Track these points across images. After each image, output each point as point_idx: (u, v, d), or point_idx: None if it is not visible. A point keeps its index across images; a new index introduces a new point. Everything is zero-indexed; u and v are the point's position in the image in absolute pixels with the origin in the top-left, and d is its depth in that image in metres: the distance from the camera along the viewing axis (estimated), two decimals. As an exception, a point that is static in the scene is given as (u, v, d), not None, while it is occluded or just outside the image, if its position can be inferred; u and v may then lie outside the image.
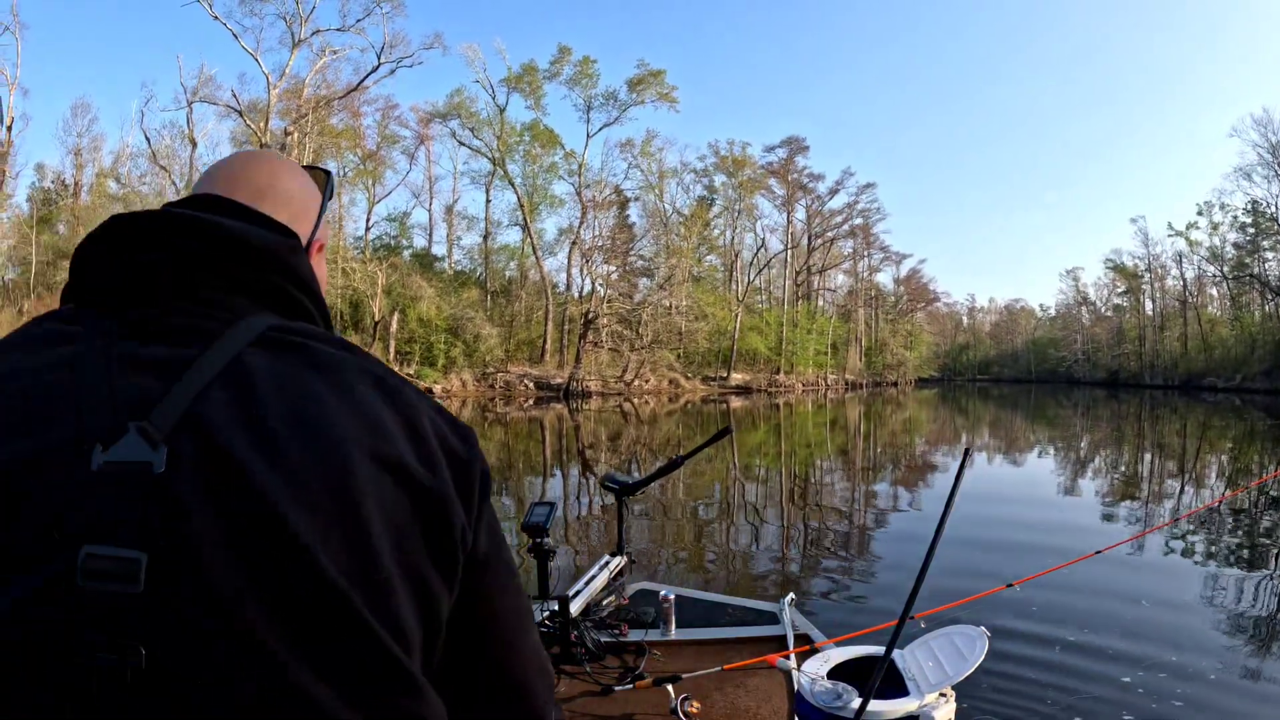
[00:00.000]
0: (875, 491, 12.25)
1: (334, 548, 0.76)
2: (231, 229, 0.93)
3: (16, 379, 0.81)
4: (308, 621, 0.75)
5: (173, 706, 0.70)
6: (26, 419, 0.77)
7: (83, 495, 0.72)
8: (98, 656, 0.68)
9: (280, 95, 53.16)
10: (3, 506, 0.72)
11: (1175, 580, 6.89)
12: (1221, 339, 79.96)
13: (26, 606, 0.69)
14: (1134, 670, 4.64)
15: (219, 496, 0.75)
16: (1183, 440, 23.70)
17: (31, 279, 46.03)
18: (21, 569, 0.70)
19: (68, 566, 0.69)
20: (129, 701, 0.68)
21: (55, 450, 0.75)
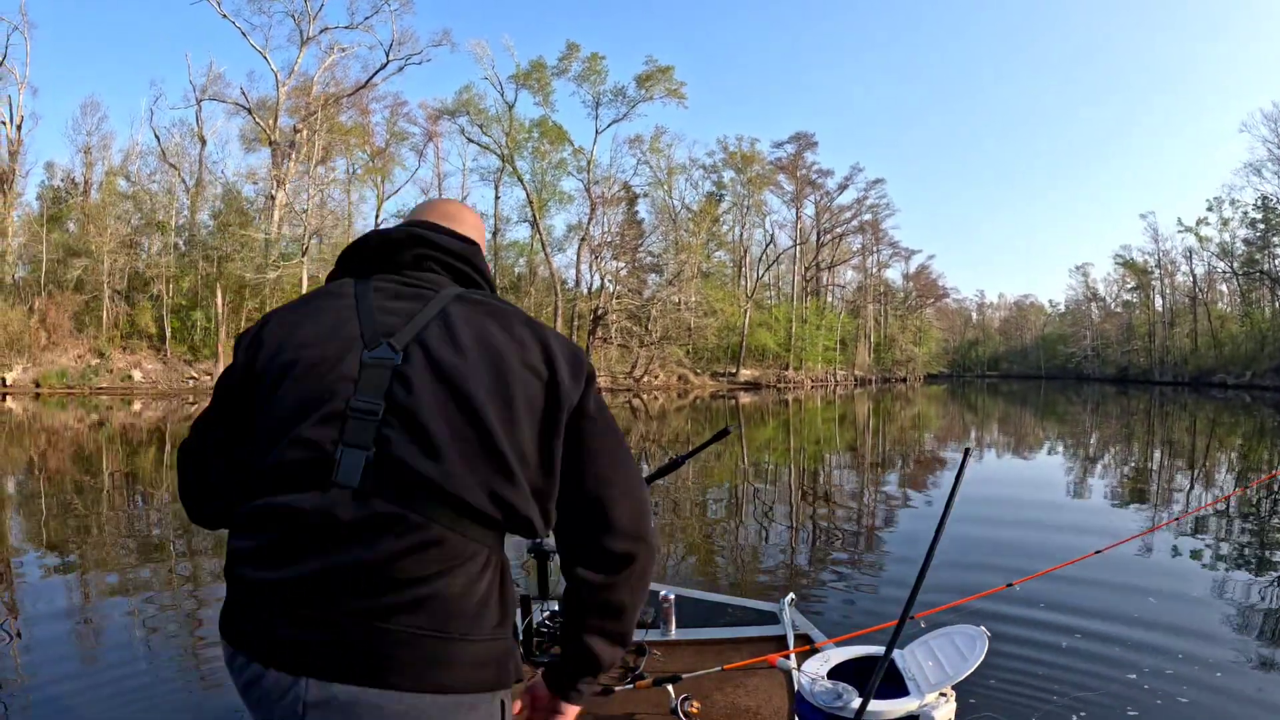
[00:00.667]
0: (878, 490, 12.23)
1: (493, 406, 1.49)
2: (438, 238, 1.75)
3: (329, 311, 1.61)
4: (469, 433, 1.47)
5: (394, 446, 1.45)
6: (335, 330, 1.56)
7: (360, 370, 1.50)
8: (356, 416, 1.46)
9: (289, 93, 53.31)
10: (330, 367, 1.51)
11: (1178, 578, 6.87)
12: (1231, 335, 79.62)
13: (310, 414, 1.47)
14: (1137, 668, 4.63)
15: (431, 377, 1.49)
16: (1192, 437, 23.62)
17: (42, 277, 46.20)
18: (329, 401, 1.48)
19: (347, 408, 1.47)
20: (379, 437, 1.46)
21: (349, 347, 1.53)
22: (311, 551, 1.41)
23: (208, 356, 47.06)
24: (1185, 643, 5.14)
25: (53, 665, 4.78)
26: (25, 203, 52.48)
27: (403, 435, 1.45)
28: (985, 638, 2.95)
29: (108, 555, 7.72)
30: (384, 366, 1.50)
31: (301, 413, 1.48)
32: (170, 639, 5.36)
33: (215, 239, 50.16)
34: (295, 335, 1.59)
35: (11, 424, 23.77)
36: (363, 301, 1.61)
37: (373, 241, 1.75)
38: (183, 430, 22.58)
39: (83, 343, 44.90)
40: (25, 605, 6.16)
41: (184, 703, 4.30)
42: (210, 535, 8.60)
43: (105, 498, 11.11)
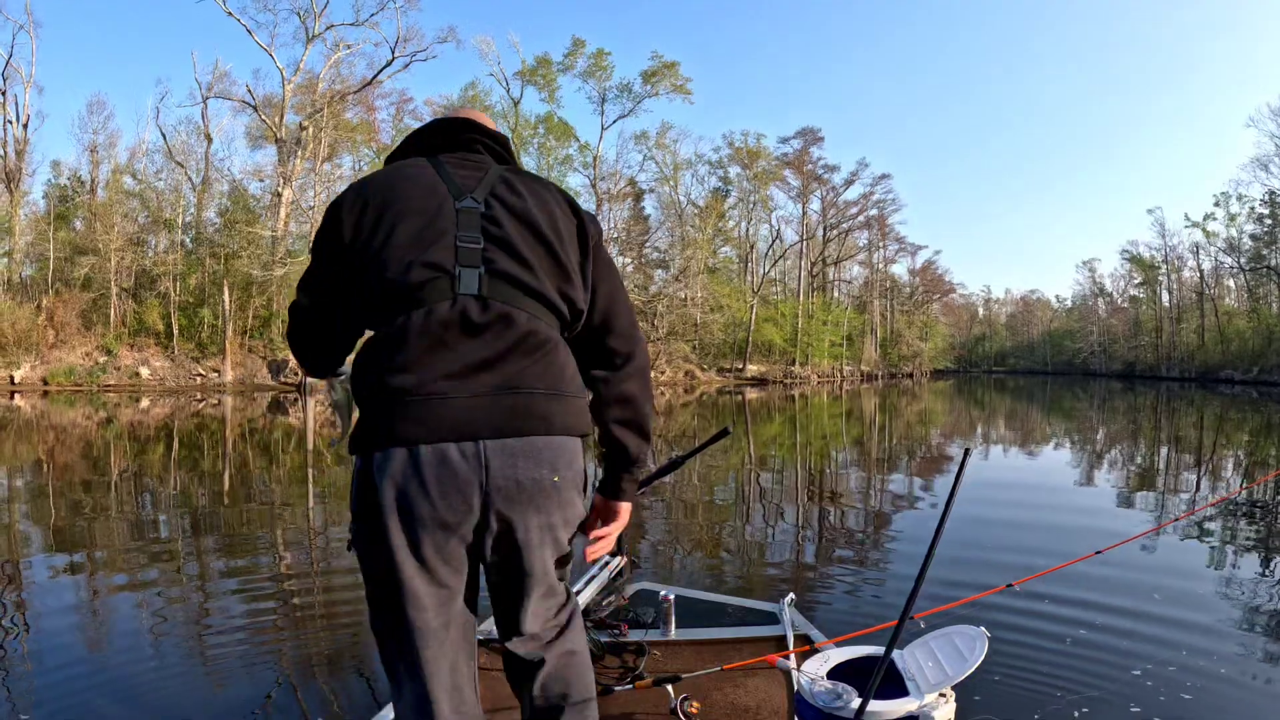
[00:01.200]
0: (880, 488, 12.22)
1: (554, 236, 2.11)
2: (485, 126, 2.33)
3: (417, 178, 2.10)
4: (543, 252, 2.08)
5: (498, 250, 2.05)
6: (430, 190, 2.07)
7: (456, 215, 2.05)
8: (462, 244, 2.02)
9: (295, 90, 53.38)
10: (434, 215, 2.03)
11: (1181, 577, 6.85)
12: (1238, 331, 79.36)
13: (430, 246, 1.99)
14: (1139, 667, 4.63)
15: (509, 216, 2.08)
16: (1199, 433, 23.56)
17: (50, 275, 46.35)
18: (441, 237, 2.00)
19: (455, 240, 2.01)
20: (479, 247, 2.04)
21: (444, 200, 2.06)
22: (458, 347, 1.94)
23: (215, 353, 47.16)
24: (1187, 641, 5.14)
25: (60, 660, 4.81)
26: (32, 201, 52.70)
27: (502, 256, 2.03)
28: (985, 638, 2.96)
29: (115, 552, 7.75)
30: (473, 212, 2.07)
31: (419, 247, 1.98)
32: (178, 634, 5.38)
33: (222, 236, 50.31)
34: (397, 194, 2.07)
35: (20, 421, 23.86)
36: (440, 169, 2.15)
37: (436, 126, 2.31)
38: (190, 426, 22.66)
39: (90, 340, 45.06)
40: (33, 601, 6.19)
41: (192, 697, 4.32)
42: (217, 530, 8.64)
43: (113, 495, 11.15)
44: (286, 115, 53.12)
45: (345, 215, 2.06)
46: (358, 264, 2.02)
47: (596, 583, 4.25)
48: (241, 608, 6.06)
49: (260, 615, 5.85)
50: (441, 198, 2.07)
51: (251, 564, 7.43)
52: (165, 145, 54.41)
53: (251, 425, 23.96)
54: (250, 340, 49.44)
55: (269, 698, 4.32)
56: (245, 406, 32.33)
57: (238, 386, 45.39)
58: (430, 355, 1.91)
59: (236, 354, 47.53)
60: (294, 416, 27.51)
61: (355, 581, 6.77)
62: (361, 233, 2.03)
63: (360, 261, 2.01)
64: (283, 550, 8.03)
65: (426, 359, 1.91)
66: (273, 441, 19.22)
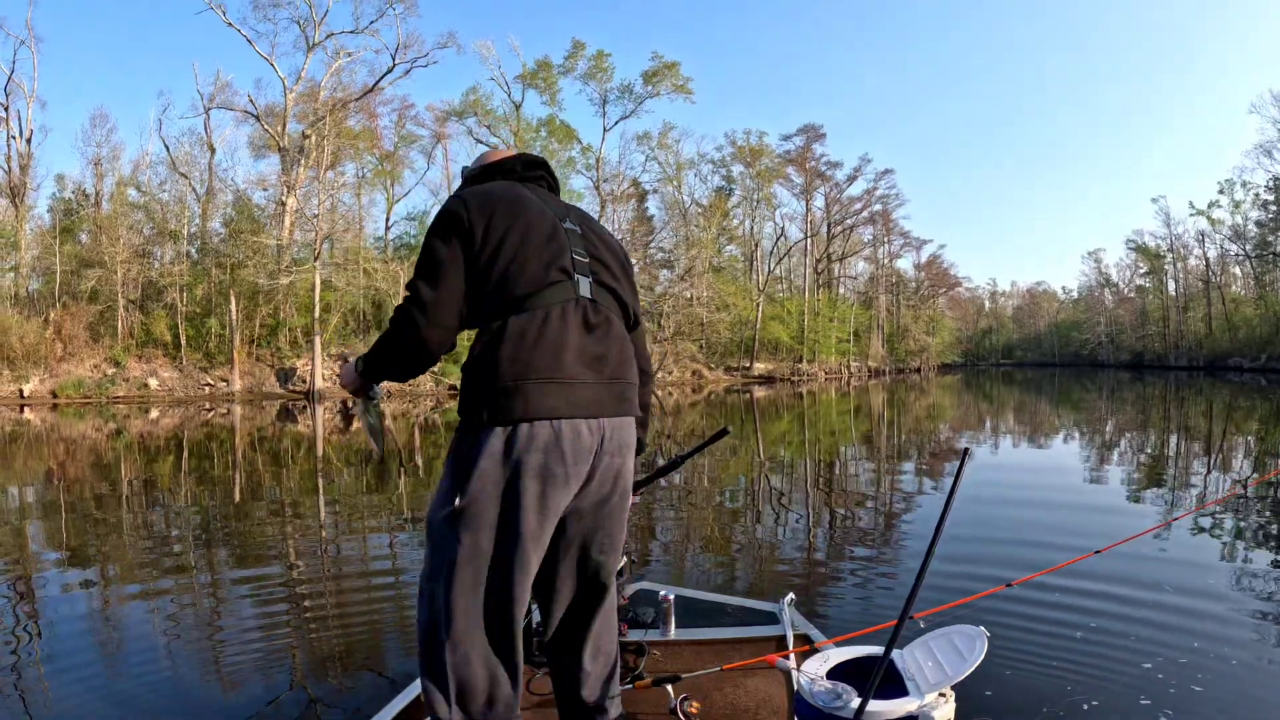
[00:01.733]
0: (881, 487, 12.19)
1: (624, 256, 2.79)
2: (551, 167, 2.90)
3: (529, 199, 2.59)
4: (621, 272, 2.71)
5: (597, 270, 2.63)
6: (541, 211, 2.58)
7: (566, 234, 2.59)
8: (576, 256, 2.57)
9: (297, 99, 53.41)
10: (553, 231, 2.55)
11: (1182, 574, 6.80)
12: (1246, 318, 79.14)
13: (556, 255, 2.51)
14: (1139, 667, 4.63)
15: (597, 239, 2.70)
16: (1208, 422, 23.49)
17: (56, 289, 46.47)
18: (563, 249, 2.53)
19: (571, 253, 2.55)
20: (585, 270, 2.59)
21: (555, 221, 2.59)
22: (583, 340, 2.46)
23: (223, 363, 47.23)
24: (1191, 639, 5.13)
25: (74, 667, 4.85)
26: (37, 215, 52.82)
27: (603, 270, 2.62)
28: (985, 638, 2.98)
29: (127, 560, 7.80)
30: (574, 233, 2.61)
31: (550, 253, 2.48)
32: (191, 640, 5.42)
33: (227, 246, 50.37)
34: (521, 207, 2.54)
35: (30, 435, 23.94)
36: (538, 194, 2.67)
37: (522, 161, 2.82)
38: (200, 435, 22.71)
39: (98, 353, 45.14)
40: (46, 610, 6.23)
41: (205, 701, 4.36)
42: (228, 537, 8.68)
43: (125, 505, 11.20)
44: (289, 124, 53.16)
45: (475, 219, 2.46)
46: (492, 262, 2.43)
47: None
48: (253, 612, 6.10)
49: (273, 619, 5.88)
50: (552, 217, 2.58)
51: (263, 570, 7.47)
52: (169, 157, 54.52)
53: (261, 434, 24.01)
54: (258, 349, 49.50)
55: (275, 700, 4.35)
56: (254, 415, 32.40)
57: (246, 395, 45.47)
58: (564, 345, 2.41)
59: (244, 363, 47.59)
60: (303, 424, 27.57)
61: (367, 584, 6.83)
62: (493, 235, 2.45)
63: (495, 260, 2.43)
64: (294, 556, 8.07)
65: (561, 348, 2.40)
66: (282, 450, 19.27)
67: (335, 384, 47.91)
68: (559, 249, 2.50)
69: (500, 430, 2.35)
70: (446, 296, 2.44)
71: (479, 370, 2.42)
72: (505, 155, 2.85)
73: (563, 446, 2.35)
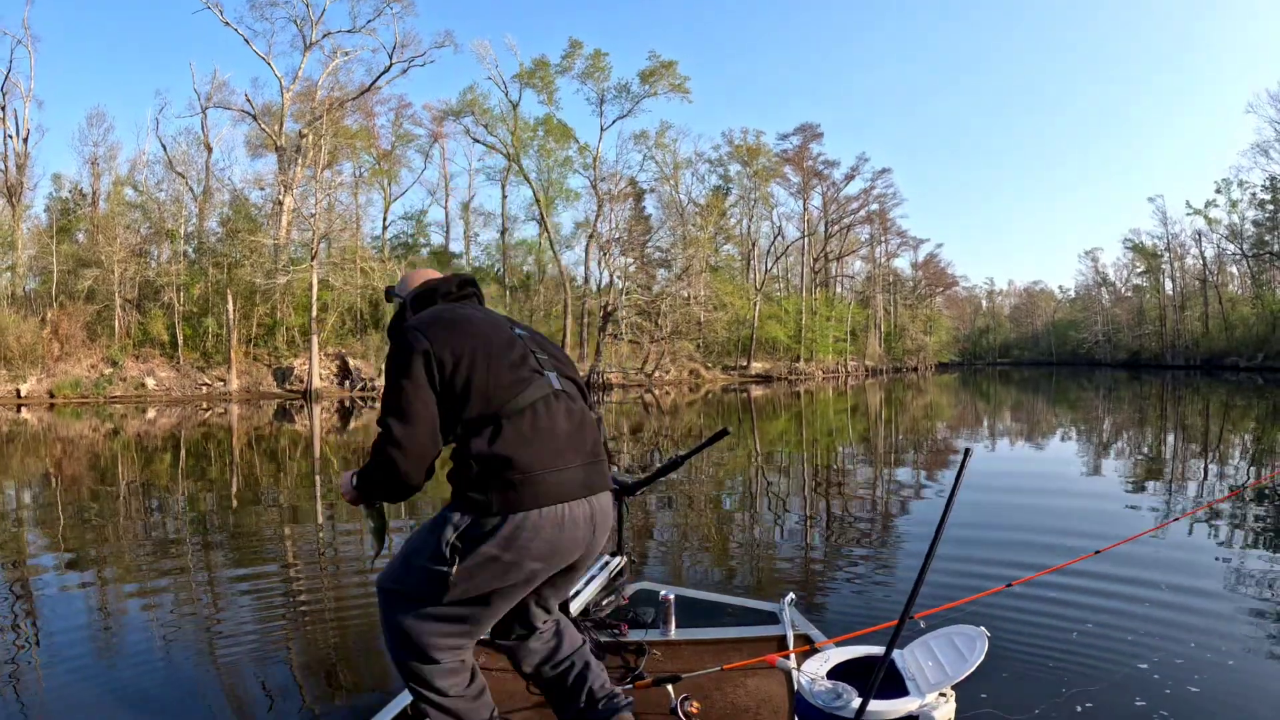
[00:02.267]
0: (881, 487, 12.20)
1: (562, 350, 3.03)
2: (478, 283, 3.12)
3: (480, 318, 2.80)
4: (569, 366, 2.95)
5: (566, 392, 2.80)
6: (495, 326, 2.81)
7: (521, 341, 2.83)
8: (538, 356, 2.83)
9: (294, 98, 53.37)
10: (512, 341, 2.77)
11: (1181, 575, 6.81)
12: (1243, 318, 79.16)
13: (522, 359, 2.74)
14: (1139, 666, 4.64)
15: (544, 340, 2.99)
16: (1205, 421, 23.52)
17: (53, 288, 46.38)
18: (526, 354, 2.77)
19: (534, 355, 2.81)
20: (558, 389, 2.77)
21: (510, 331, 2.84)
22: (565, 428, 2.70)
23: (220, 363, 47.18)
24: (1189, 639, 5.14)
25: (71, 667, 4.85)
26: (34, 215, 52.73)
27: (561, 365, 2.89)
28: (985, 638, 2.98)
29: (124, 561, 7.79)
30: (525, 338, 2.87)
31: (518, 361, 2.71)
32: (188, 639, 5.41)
33: (224, 245, 50.29)
34: (476, 327, 2.73)
35: (27, 435, 23.90)
36: (480, 311, 2.90)
37: (456, 283, 3.01)
38: (197, 435, 22.69)
39: (95, 352, 45.07)
40: (43, 609, 6.23)
41: (201, 700, 4.35)
42: (226, 537, 8.68)
43: (121, 505, 11.19)
44: (286, 123, 53.10)
45: (438, 349, 2.61)
46: (468, 384, 2.60)
47: (596, 583, 4.27)
48: (250, 613, 6.10)
49: (269, 619, 5.88)
50: (503, 327, 2.84)
51: (260, 569, 7.47)
52: (165, 156, 54.41)
53: (258, 433, 23.99)
54: (255, 348, 49.46)
55: (271, 703, 4.35)
56: (251, 414, 32.37)
57: (243, 395, 45.42)
58: (555, 436, 2.66)
59: (241, 362, 47.53)
60: (300, 424, 27.55)
61: (362, 580, 6.82)
62: (461, 359, 2.61)
63: (470, 381, 2.60)
64: (291, 556, 8.07)
65: (554, 439, 2.65)
66: (280, 449, 19.27)
67: (332, 384, 47.91)
68: (522, 353, 2.76)
69: (512, 518, 2.54)
70: (420, 428, 2.59)
71: (481, 465, 2.57)
72: (438, 278, 3.04)
73: (564, 530, 2.61)
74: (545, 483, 2.57)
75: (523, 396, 2.63)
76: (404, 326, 2.76)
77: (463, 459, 2.60)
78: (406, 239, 65.71)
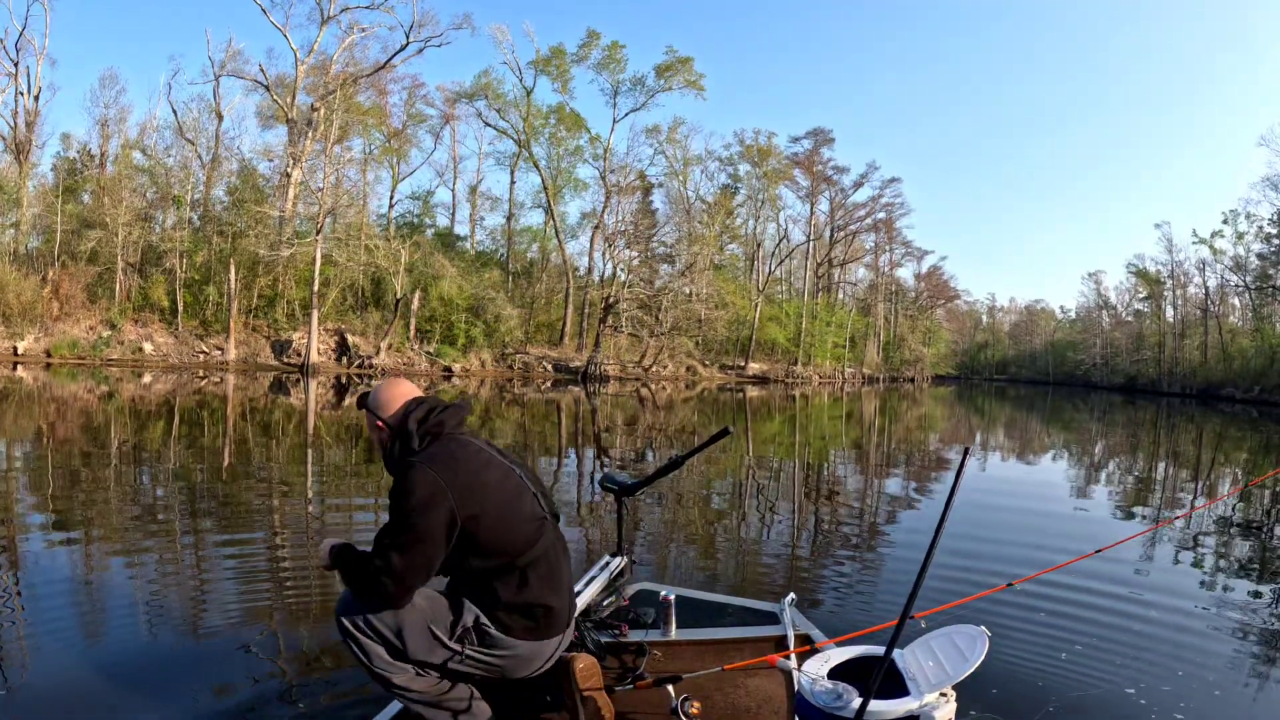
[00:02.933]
0: (880, 489, 12.22)
1: (536, 482, 3.19)
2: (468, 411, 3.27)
3: (484, 456, 3.02)
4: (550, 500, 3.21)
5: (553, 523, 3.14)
6: (499, 463, 3.06)
7: (522, 478, 3.11)
8: (539, 498, 3.11)
9: (308, 71, 53.40)
10: (518, 483, 3.05)
11: (1179, 577, 6.86)
12: (1242, 350, 79.13)
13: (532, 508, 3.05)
14: (1139, 666, 4.64)
15: (532, 473, 3.21)
16: (1198, 449, 23.54)
17: (56, 248, 46.34)
18: (531, 497, 3.07)
19: (537, 500, 3.09)
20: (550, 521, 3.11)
21: (511, 470, 3.08)
22: (564, 570, 3.12)
23: (219, 331, 47.19)
24: (1189, 638, 5.16)
25: (54, 630, 4.83)
26: (41, 174, 52.72)
27: (543, 491, 3.16)
28: (986, 637, 2.96)
29: (111, 524, 7.78)
30: (522, 474, 3.10)
31: (526, 506, 3.00)
32: (173, 609, 5.40)
33: (230, 215, 50.33)
34: (489, 478, 2.94)
35: (21, 393, 23.89)
36: (485, 450, 3.06)
37: (455, 419, 3.09)
38: (192, 403, 22.68)
39: (95, 314, 45.07)
40: (28, 573, 6.20)
41: (184, 672, 4.33)
42: (215, 506, 8.67)
43: (112, 468, 11.17)
44: (298, 96, 53.13)
45: (463, 510, 2.81)
46: (487, 534, 2.85)
47: (597, 583, 4.25)
48: (233, 581, 6.08)
49: (254, 591, 5.86)
50: (510, 472, 3.05)
51: (247, 539, 7.45)
52: (176, 122, 54.45)
53: (253, 404, 23.99)
54: (254, 319, 49.46)
55: (251, 673, 4.33)
56: (247, 385, 32.38)
57: (240, 365, 45.44)
58: (556, 576, 3.02)
59: (240, 333, 47.53)
60: (295, 397, 27.54)
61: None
62: (483, 517, 2.84)
63: (490, 532, 2.86)
64: (280, 527, 8.05)
65: (553, 579, 3.00)
66: (273, 421, 19.25)
67: (329, 359, 47.89)
68: (531, 501, 3.03)
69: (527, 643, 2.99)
70: (418, 572, 2.80)
71: (512, 609, 2.94)
72: (439, 409, 3.10)
73: (554, 647, 3.08)
74: (559, 619, 3.03)
75: (539, 545, 2.96)
76: (416, 463, 2.87)
77: (486, 597, 2.93)
78: (412, 218, 65.73)
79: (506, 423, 21.41)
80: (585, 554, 7.12)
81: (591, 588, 4.19)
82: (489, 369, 53.72)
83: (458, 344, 53.49)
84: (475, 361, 53.41)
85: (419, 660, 2.86)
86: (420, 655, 2.86)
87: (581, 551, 7.25)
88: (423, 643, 2.85)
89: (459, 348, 53.36)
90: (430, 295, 53.19)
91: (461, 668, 2.94)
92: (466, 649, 2.89)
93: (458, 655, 2.89)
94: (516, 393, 36.24)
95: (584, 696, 3.12)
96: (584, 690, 3.12)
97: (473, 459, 2.96)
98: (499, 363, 54.86)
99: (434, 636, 2.86)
